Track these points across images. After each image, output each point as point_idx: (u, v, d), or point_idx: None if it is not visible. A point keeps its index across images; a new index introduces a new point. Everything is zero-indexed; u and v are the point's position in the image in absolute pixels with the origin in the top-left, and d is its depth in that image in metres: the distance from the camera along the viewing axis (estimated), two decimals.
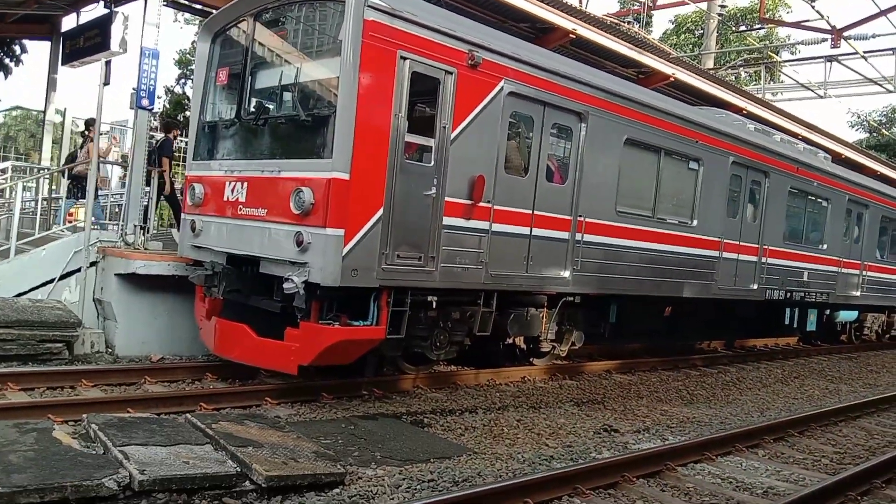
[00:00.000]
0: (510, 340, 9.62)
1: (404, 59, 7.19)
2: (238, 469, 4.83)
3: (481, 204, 7.99)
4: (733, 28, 31.47)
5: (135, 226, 9.61)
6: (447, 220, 7.68)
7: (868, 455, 7.39)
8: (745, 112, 15.93)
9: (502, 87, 8.09)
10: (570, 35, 11.84)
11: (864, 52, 17.03)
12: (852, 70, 18.86)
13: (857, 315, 17.06)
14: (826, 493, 5.78)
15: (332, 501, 4.76)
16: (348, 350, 7.22)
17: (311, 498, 4.78)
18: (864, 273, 15.96)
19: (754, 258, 12.49)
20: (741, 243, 12.14)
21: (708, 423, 8.31)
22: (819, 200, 14.45)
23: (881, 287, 16.97)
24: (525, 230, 8.62)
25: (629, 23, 22.20)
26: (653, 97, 10.46)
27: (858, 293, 15.87)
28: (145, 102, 9.85)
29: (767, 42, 33.39)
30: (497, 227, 8.23)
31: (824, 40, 17.75)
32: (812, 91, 21.17)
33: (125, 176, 12.39)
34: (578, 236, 9.19)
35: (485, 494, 4.86)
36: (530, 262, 8.68)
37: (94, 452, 4.94)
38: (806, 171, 13.59)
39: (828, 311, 15.81)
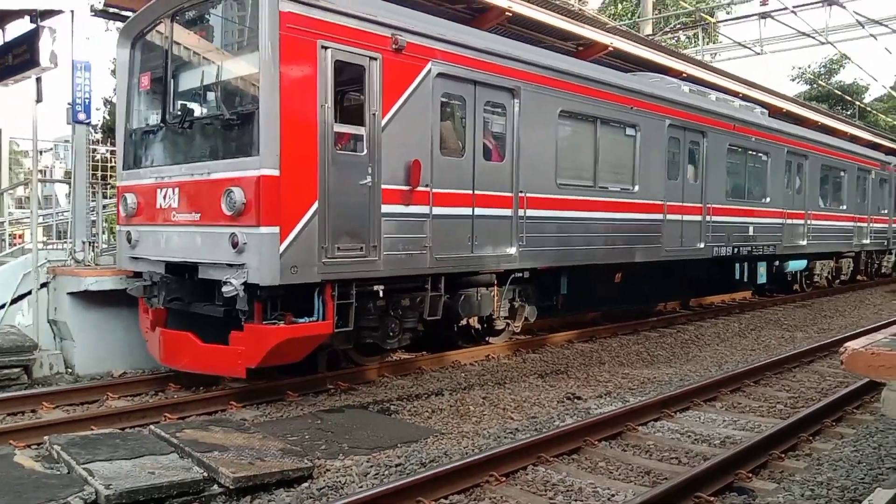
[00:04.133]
0: (464, 322, 9.66)
1: (325, 48, 7.08)
2: (205, 474, 4.86)
3: (420, 189, 7.95)
4: None
5: (83, 242, 9.37)
6: (386, 208, 7.63)
7: (820, 397, 7.65)
8: (685, 75, 16.00)
9: (430, 69, 8.03)
10: (507, 13, 11.79)
11: (794, 7, 17.21)
12: (786, 25, 19.33)
13: (806, 264, 17.51)
14: (780, 437, 5.98)
15: (300, 496, 4.82)
16: (296, 348, 7.15)
17: (279, 495, 4.84)
18: (808, 222, 16.38)
19: (699, 217, 12.71)
20: (684, 204, 12.33)
21: (668, 382, 8.46)
22: (759, 155, 14.74)
23: (826, 234, 17.45)
24: (467, 211, 8.61)
25: None
26: (585, 67, 10.51)
27: (805, 242, 16.29)
28: (82, 116, 9.53)
29: (702, 4, 33.80)
30: (438, 210, 8.21)
31: None
32: (749, 49, 21.56)
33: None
34: (521, 212, 9.22)
35: (451, 472, 4.95)
36: (475, 243, 8.69)
37: (58, 473, 4.93)
38: (743, 127, 13.84)
39: (777, 263, 16.20)
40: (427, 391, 7.86)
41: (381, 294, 7.79)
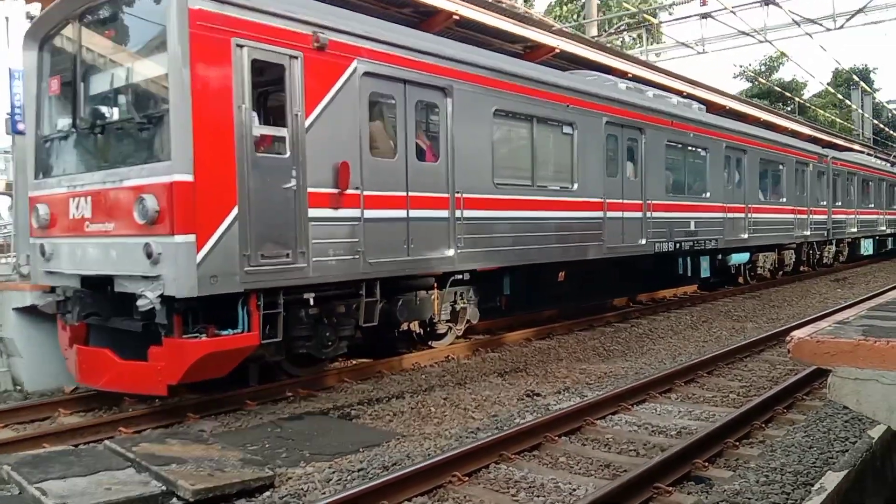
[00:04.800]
0: (405, 327, 9.43)
1: (241, 46, 6.76)
2: (164, 488, 4.76)
3: (349, 191, 7.68)
4: None
5: (27, 256, 8.84)
6: (314, 212, 7.34)
7: (771, 385, 7.78)
8: (630, 75, 16.19)
9: (356, 68, 7.78)
10: (454, 16, 11.81)
11: (733, 7, 17.60)
12: (726, 25, 20.00)
13: (749, 256, 17.77)
14: (734, 425, 6.10)
15: None
16: (220, 362, 6.80)
17: None
18: (749, 215, 16.61)
19: (639, 214, 12.73)
20: (625, 201, 12.33)
21: (624, 376, 8.53)
22: (697, 150, 14.88)
23: (768, 227, 17.75)
24: (401, 213, 8.38)
25: None
26: (520, 66, 10.40)
27: (746, 235, 16.51)
28: (21, 126, 9.03)
29: (645, 5, 34.45)
30: (370, 213, 7.96)
31: None
32: (692, 48, 21.99)
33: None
34: (458, 213, 9.03)
35: (413, 474, 4.94)
36: (411, 246, 8.46)
37: (8, 494, 4.83)
38: (681, 123, 13.94)
39: (720, 256, 16.39)
40: (388, 394, 7.78)
41: (312, 302, 7.49)
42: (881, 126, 43.13)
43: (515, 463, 5.53)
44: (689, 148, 14.56)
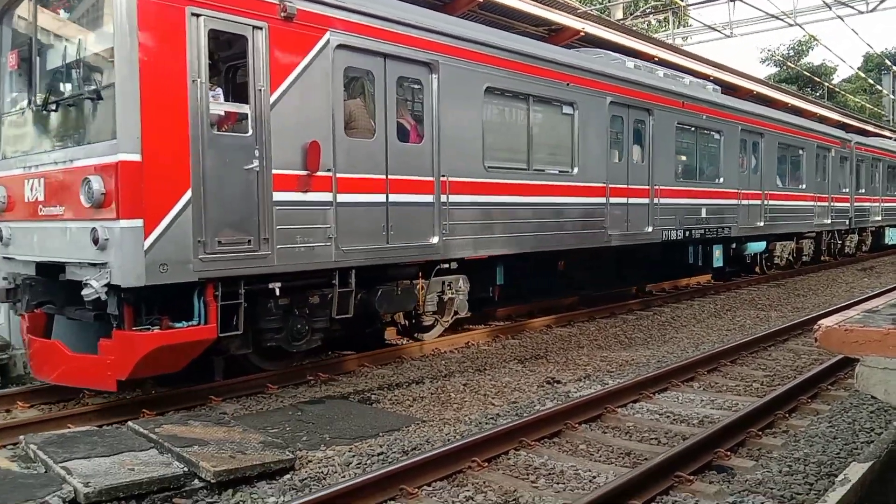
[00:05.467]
0: (389, 318, 8.93)
1: (197, 15, 6.24)
2: (185, 469, 4.79)
3: (320, 173, 7.16)
4: None
5: None
6: (279, 196, 6.83)
7: (795, 375, 7.66)
8: (657, 59, 15.65)
9: (328, 40, 7.22)
10: (477, 0, 11.47)
11: None
12: (755, 8, 19.42)
13: (765, 245, 16.97)
14: (757, 415, 6.04)
15: (283, 488, 4.78)
16: (173, 356, 6.33)
17: (262, 487, 4.78)
18: (765, 202, 15.80)
19: (646, 200, 12.05)
20: (630, 186, 11.66)
21: (646, 364, 8.41)
22: (710, 133, 14.10)
23: (785, 214, 16.90)
24: (380, 197, 7.84)
25: None
26: (513, 40, 9.72)
27: (762, 223, 15.71)
28: None
29: None
30: (344, 197, 7.43)
31: None
32: (719, 31, 21.40)
33: None
34: (444, 198, 8.47)
35: (433, 459, 4.93)
36: (391, 232, 7.92)
37: (35, 472, 4.88)
38: (693, 104, 13.18)
39: (734, 245, 15.64)
40: (407, 380, 7.72)
41: (278, 292, 6.99)
42: None
43: (535, 449, 5.48)
44: (702, 131, 13.78)
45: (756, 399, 6.61)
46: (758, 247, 16.59)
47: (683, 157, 13.33)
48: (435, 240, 8.42)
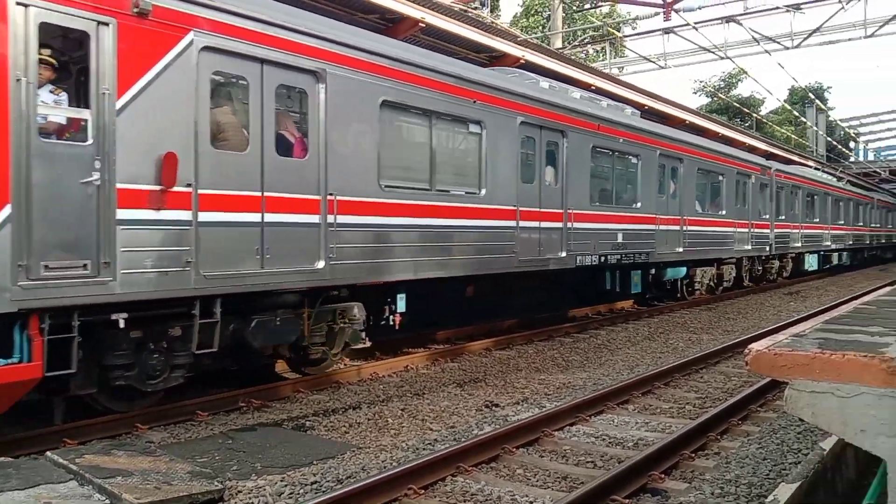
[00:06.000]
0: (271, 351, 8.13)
1: (24, 5, 5.41)
2: (107, 501, 4.59)
3: (178, 189, 6.36)
4: (576, 7, 32.27)
5: None
6: (124, 214, 5.99)
7: (726, 397, 7.89)
8: (593, 88, 16.28)
9: (192, 41, 6.46)
10: (420, 24, 11.76)
11: (696, 23, 17.69)
12: (687, 40, 19.76)
13: (686, 271, 16.85)
14: (690, 437, 6.17)
15: None
16: None
17: None
18: (685, 228, 15.65)
19: (559, 224, 11.62)
20: (542, 210, 11.21)
21: (582, 387, 8.51)
22: (628, 157, 13.85)
23: (705, 240, 16.80)
24: (254, 217, 7.08)
25: (476, 8, 21.79)
26: (415, 52, 9.15)
27: (681, 249, 15.53)
28: None
29: (608, 19, 34.48)
30: (207, 216, 6.64)
31: (657, 14, 18.39)
32: (654, 62, 21.88)
33: None
34: (331, 218, 7.76)
35: (368, 487, 4.82)
36: (267, 256, 7.15)
37: None
38: (609, 127, 12.89)
39: (653, 271, 15.40)
40: (344, 405, 7.58)
41: (122, 324, 6.12)
42: (834, 143, 43.60)
43: (473, 475, 5.45)
44: (619, 154, 13.51)
45: (689, 421, 6.72)
46: (678, 272, 16.44)
47: (599, 181, 13.00)
48: (321, 264, 7.69)
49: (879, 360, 3.13)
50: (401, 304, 9.42)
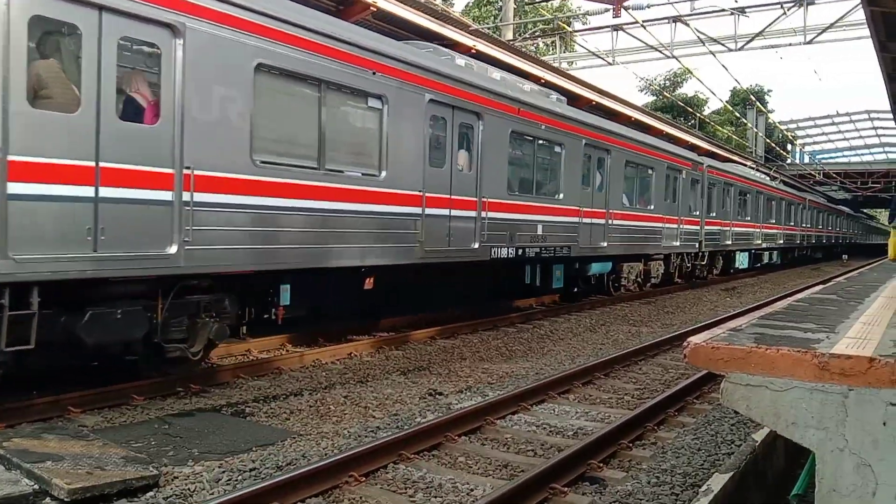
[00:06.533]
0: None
1: None
2: (36, 487, 4.46)
3: None
4: (528, 0, 32.01)
5: None
6: None
7: (664, 388, 8.05)
8: (543, 81, 16.22)
9: None
10: (371, 8, 11.69)
11: (644, 21, 17.63)
12: (636, 38, 19.89)
13: (611, 266, 16.29)
14: (628, 427, 6.28)
15: None
16: None
17: None
18: (610, 222, 15.04)
19: (472, 213, 10.80)
20: (453, 197, 10.36)
21: (525, 376, 8.57)
22: (551, 145, 13.11)
23: (631, 235, 16.23)
24: (86, 191, 6.01)
25: None
26: (299, 11, 8.08)
27: (606, 244, 14.92)
28: None
29: (560, 13, 34.35)
30: (20, 187, 5.56)
31: (607, 10, 18.33)
32: (602, 59, 21.99)
33: None
34: (187, 196, 6.73)
35: (308, 474, 4.76)
36: (101, 238, 6.09)
37: None
38: (530, 112, 12.11)
39: (577, 265, 14.76)
40: (285, 392, 7.51)
41: None
42: (773, 145, 44.45)
43: (414, 463, 5.46)
44: (541, 141, 12.74)
45: (627, 412, 6.87)
46: (603, 268, 15.85)
47: (519, 169, 12.24)
48: (173, 249, 6.65)
49: (811, 355, 3.23)
50: (285, 296, 8.45)
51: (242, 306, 8.17)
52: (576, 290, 16.31)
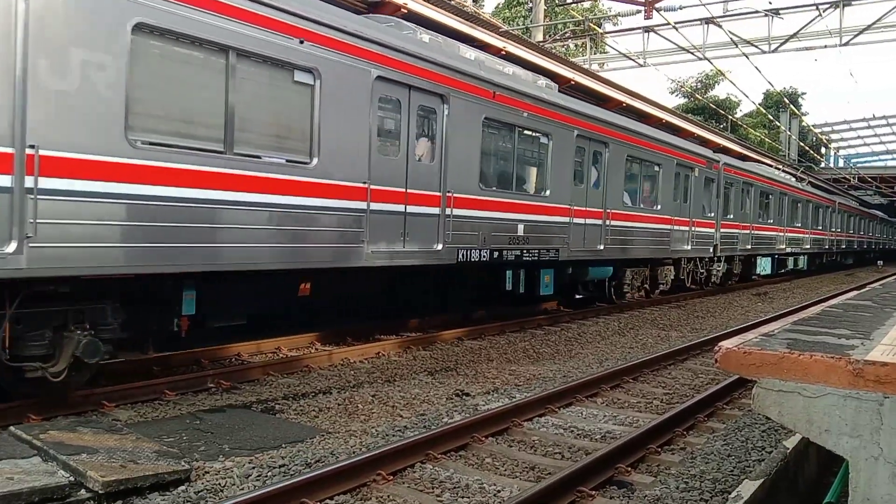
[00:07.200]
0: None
1: None
2: (71, 478, 4.49)
3: None
4: (558, 1, 31.17)
5: None
6: None
7: (693, 393, 8.00)
8: (573, 82, 16.23)
9: None
10: (402, 9, 11.60)
11: (676, 23, 17.18)
12: (667, 40, 19.32)
13: (612, 271, 14.69)
14: (656, 431, 6.24)
15: (176, 500, 4.56)
16: None
17: (154, 499, 4.54)
18: (608, 222, 13.45)
19: (435, 210, 9.39)
20: (410, 191, 8.96)
21: (552, 379, 8.55)
22: (535, 136, 11.61)
23: (633, 238, 14.55)
24: None
25: None
26: None
27: (602, 247, 13.33)
28: None
29: (591, 14, 33.13)
30: None
31: (638, 12, 17.96)
32: (633, 60, 21.63)
33: None
34: (30, 181, 5.44)
35: (336, 472, 4.81)
36: None
37: None
38: (508, 97, 10.62)
39: (571, 270, 13.20)
40: (314, 390, 7.56)
41: None
42: (806, 148, 42.75)
43: (441, 463, 5.51)
44: (522, 131, 11.23)
45: (656, 416, 6.88)
46: (602, 272, 14.28)
47: (494, 161, 10.79)
48: (10, 248, 5.35)
49: (845, 361, 3.23)
50: (189, 304, 7.15)
51: (137, 316, 6.86)
52: (579, 296, 14.86)
